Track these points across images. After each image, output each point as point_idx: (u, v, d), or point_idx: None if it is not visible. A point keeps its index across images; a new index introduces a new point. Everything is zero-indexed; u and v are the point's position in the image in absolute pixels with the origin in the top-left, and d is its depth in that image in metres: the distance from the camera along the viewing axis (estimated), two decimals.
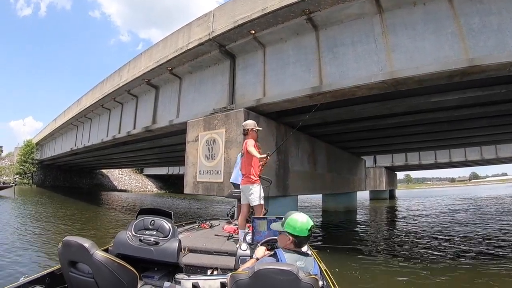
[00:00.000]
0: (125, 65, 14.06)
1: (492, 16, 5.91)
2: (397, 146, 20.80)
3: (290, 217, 2.53)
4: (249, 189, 4.73)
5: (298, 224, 2.45)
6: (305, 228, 2.43)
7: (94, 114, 19.00)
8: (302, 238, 2.43)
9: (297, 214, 2.54)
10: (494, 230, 12.69)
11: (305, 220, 2.47)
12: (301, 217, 2.50)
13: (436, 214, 19.82)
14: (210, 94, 10.24)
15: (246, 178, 4.80)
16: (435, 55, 6.33)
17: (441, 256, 8.48)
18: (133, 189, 55.49)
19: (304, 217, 2.50)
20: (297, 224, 2.45)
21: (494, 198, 35.75)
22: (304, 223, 2.45)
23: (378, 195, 35.24)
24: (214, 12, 9.19)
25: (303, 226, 2.44)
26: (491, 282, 6.27)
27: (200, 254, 3.90)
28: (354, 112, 10.18)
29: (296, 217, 2.50)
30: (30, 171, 40.03)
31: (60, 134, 27.40)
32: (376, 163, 32.15)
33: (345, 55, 7.54)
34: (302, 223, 2.45)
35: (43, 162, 39.05)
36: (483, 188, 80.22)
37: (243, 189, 4.85)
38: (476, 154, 28.49)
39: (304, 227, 2.43)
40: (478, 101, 9.19)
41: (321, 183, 14.27)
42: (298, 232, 2.43)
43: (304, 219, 2.48)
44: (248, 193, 4.74)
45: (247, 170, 4.79)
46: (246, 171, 4.80)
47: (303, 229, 2.43)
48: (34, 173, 40.52)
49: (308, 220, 2.49)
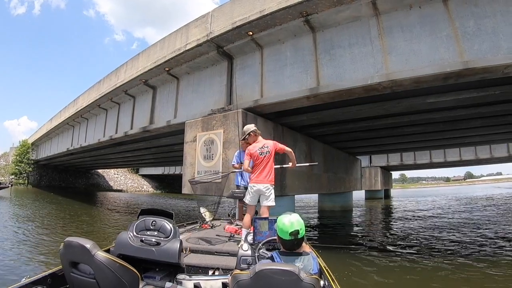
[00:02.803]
0: (122, 65, 14.07)
1: (486, 19, 6.02)
2: (392, 146, 20.91)
3: (279, 217, 2.41)
4: (270, 189, 4.69)
5: (280, 225, 2.32)
6: (285, 231, 2.26)
7: (90, 114, 18.93)
8: (285, 241, 2.29)
9: (285, 216, 2.36)
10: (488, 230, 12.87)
11: (288, 223, 2.28)
12: (286, 220, 2.31)
13: (430, 215, 19.93)
14: (208, 94, 10.28)
15: (267, 177, 4.75)
16: (431, 57, 6.43)
17: (434, 254, 8.62)
18: (128, 189, 55.33)
19: (290, 220, 2.30)
20: (280, 225, 2.33)
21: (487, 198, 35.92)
22: (286, 225, 2.27)
23: (374, 194, 35.50)
24: (212, 13, 9.24)
25: (284, 228, 2.27)
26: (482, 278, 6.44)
27: (202, 255, 3.88)
28: (351, 113, 10.27)
29: (282, 218, 2.35)
30: (25, 171, 39.77)
31: (56, 134, 27.26)
32: (371, 163, 32.34)
33: (342, 57, 7.62)
34: (283, 225, 2.29)
35: (38, 162, 38.82)
36: (477, 187, 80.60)
37: (261, 189, 4.72)
38: (470, 154, 28.72)
39: (285, 230, 2.27)
40: (473, 102, 9.31)
41: (317, 183, 14.36)
42: (280, 234, 2.32)
43: (287, 222, 2.29)
44: (268, 193, 4.70)
45: (269, 170, 4.78)
46: (269, 170, 4.82)
47: (284, 232, 2.27)
48: (29, 173, 40.27)
49: (293, 224, 2.27)
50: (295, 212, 2.48)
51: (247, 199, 4.78)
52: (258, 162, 4.72)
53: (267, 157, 4.75)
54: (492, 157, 27.81)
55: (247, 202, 4.79)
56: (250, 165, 4.74)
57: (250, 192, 4.75)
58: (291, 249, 2.33)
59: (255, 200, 4.76)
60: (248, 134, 4.94)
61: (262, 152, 4.75)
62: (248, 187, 4.84)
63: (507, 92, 8.16)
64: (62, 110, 23.63)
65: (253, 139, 4.93)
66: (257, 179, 4.73)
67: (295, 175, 11.42)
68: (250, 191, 4.75)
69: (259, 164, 4.73)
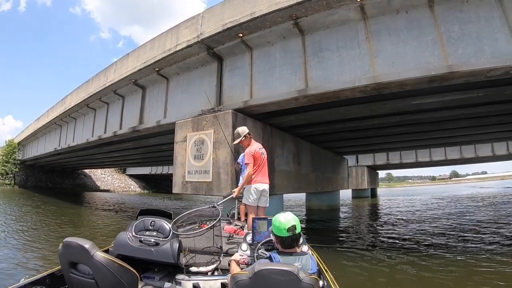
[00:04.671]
0: (111, 65, 13.99)
1: (471, 25, 6.22)
2: (379, 146, 21.21)
3: (274, 216, 2.51)
4: (268, 190, 4.79)
5: (277, 223, 2.42)
6: (283, 228, 2.37)
7: (79, 114, 18.70)
8: (283, 238, 2.38)
9: (281, 214, 2.50)
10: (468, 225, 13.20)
11: (284, 220, 2.41)
12: (283, 217, 2.45)
13: (415, 213, 20.31)
14: (198, 95, 10.30)
15: (268, 177, 4.85)
16: (416, 61, 6.61)
17: (416, 249, 8.86)
18: (116, 189, 54.71)
19: (285, 217, 2.44)
20: (276, 223, 2.43)
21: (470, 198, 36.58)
22: (283, 222, 2.40)
23: (360, 193, 35.81)
24: (203, 14, 9.29)
25: (281, 225, 2.39)
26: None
27: (201, 255, 3.81)
28: (338, 114, 10.40)
29: (277, 217, 2.47)
30: (12, 172, 39.01)
31: (43, 134, 26.83)
32: (358, 162, 32.59)
33: (330, 59, 7.76)
34: (280, 222, 2.41)
35: (25, 162, 38.01)
36: (462, 186, 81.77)
37: (265, 188, 4.82)
38: (456, 153, 29.12)
39: (282, 226, 2.38)
40: (458, 103, 9.52)
41: (305, 182, 14.50)
42: (278, 232, 2.40)
43: (283, 219, 2.42)
44: (267, 193, 4.77)
45: (267, 170, 4.85)
46: (267, 171, 4.86)
47: (281, 229, 2.37)
48: (16, 174, 39.52)
49: (288, 221, 2.41)
50: (283, 211, 2.58)
51: (250, 200, 4.76)
52: (261, 162, 4.79)
53: (265, 157, 4.85)
54: (477, 156, 28.25)
55: (249, 203, 4.78)
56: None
57: (254, 193, 4.75)
58: (290, 246, 2.41)
59: (258, 200, 4.79)
60: (244, 137, 4.99)
61: (263, 152, 4.85)
62: (251, 188, 4.81)
63: (490, 95, 8.40)
64: (50, 110, 23.26)
65: (248, 141, 5.00)
66: (262, 179, 4.82)
67: (284, 174, 11.55)
68: (253, 191, 4.75)
69: (261, 164, 4.80)
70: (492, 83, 7.43)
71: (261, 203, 4.80)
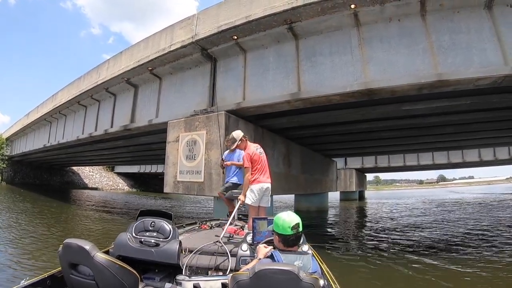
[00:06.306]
0: (104, 62, 13.93)
1: (461, 35, 6.42)
2: (368, 149, 21.49)
3: (276, 215, 2.53)
4: (270, 190, 4.81)
5: (280, 222, 2.44)
6: (287, 226, 2.39)
7: (69, 111, 18.50)
8: (287, 236, 2.40)
9: (283, 213, 2.52)
10: None
11: (288, 219, 2.44)
12: (286, 215, 2.48)
13: (402, 216, 20.58)
14: (191, 95, 10.37)
15: (269, 177, 4.86)
16: (407, 68, 6.80)
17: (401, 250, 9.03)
18: (104, 187, 54.11)
19: (289, 216, 2.47)
20: (279, 222, 2.44)
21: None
22: (286, 221, 2.42)
23: (348, 195, 35.92)
24: (198, 15, 9.36)
25: (285, 224, 2.41)
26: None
27: (201, 255, 3.75)
28: (329, 117, 10.54)
29: (280, 215, 2.49)
30: (0, 168, 38.38)
31: (32, 130, 26.43)
32: (347, 165, 32.68)
33: (322, 64, 7.90)
34: (284, 221, 2.43)
35: (13, 158, 37.43)
36: (448, 190, 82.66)
37: (268, 187, 4.83)
38: (443, 158, 29.47)
39: (286, 225, 2.40)
40: (445, 110, 9.75)
41: (295, 184, 14.64)
42: (281, 231, 2.41)
43: (287, 218, 2.45)
44: (269, 192, 4.80)
45: (268, 170, 4.89)
46: (268, 170, 4.89)
47: (285, 227, 2.39)
48: (3, 170, 38.90)
49: (292, 219, 2.44)
50: (273, 212, 2.64)
51: (251, 200, 4.68)
52: (260, 163, 4.80)
53: (264, 157, 4.91)
54: (464, 161, 28.71)
55: (250, 203, 4.70)
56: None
57: (256, 193, 4.69)
58: (293, 244, 2.44)
59: (260, 200, 4.77)
60: (240, 140, 5.00)
61: (261, 152, 4.90)
62: (255, 188, 4.75)
63: (477, 103, 8.63)
64: (40, 106, 22.95)
65: (245, 144, 5.04)
66: (264, 179, 4.81)
67: (274, 176, 11.48)
68: (255, 191, 4.69)
69: (261, 164, 4.81)
70: (479, 91, 7.62)
71: (262, 203, 4.79)
